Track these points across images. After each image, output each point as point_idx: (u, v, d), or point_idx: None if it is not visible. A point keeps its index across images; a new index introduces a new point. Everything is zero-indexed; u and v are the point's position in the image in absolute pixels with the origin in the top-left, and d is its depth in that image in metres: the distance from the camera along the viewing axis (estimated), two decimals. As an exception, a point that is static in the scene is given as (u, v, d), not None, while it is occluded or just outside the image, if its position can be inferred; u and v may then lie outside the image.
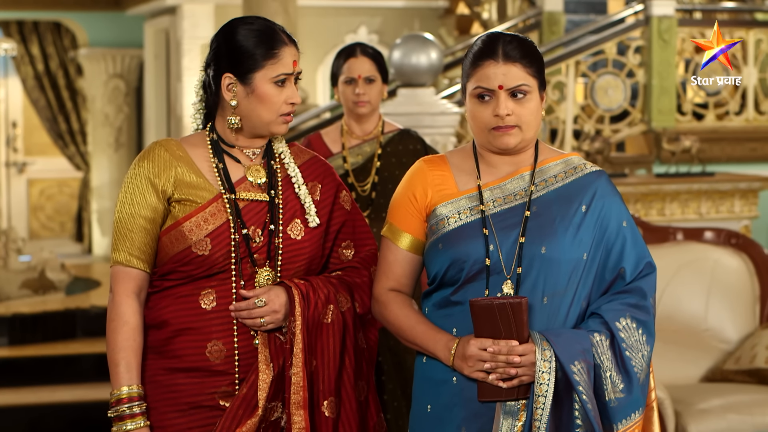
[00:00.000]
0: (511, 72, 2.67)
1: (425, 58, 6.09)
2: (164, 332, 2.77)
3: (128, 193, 2.77)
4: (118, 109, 12.38)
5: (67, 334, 7.98)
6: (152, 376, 2.77)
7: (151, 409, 2.76)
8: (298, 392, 2.71)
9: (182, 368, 2.74)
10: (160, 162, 2.77)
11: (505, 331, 2.59)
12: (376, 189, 4.27)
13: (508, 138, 2.69)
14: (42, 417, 6.80)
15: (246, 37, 2.77)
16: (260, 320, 2.71)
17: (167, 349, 2.76)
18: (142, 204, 2.76)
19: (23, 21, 12.91)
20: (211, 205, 2.75)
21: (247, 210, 2.78)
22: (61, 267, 9.37)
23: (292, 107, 2.79)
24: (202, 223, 2.74)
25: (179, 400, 2.74)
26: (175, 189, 2.76)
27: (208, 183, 2.77)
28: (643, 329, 2.69)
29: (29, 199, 13.93)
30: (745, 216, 7.57)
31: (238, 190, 2.78)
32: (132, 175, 2.78)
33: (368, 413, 2.86)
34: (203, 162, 2.80)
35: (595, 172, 2.77)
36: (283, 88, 2.77)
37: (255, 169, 2.82)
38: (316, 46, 10.45)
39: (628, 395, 2.66)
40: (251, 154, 2.83)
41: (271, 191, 2.81)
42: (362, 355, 2.85)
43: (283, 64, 2.76)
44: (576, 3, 10.58)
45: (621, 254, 2.71)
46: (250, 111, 2.77)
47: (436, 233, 2.73)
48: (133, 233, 2.75)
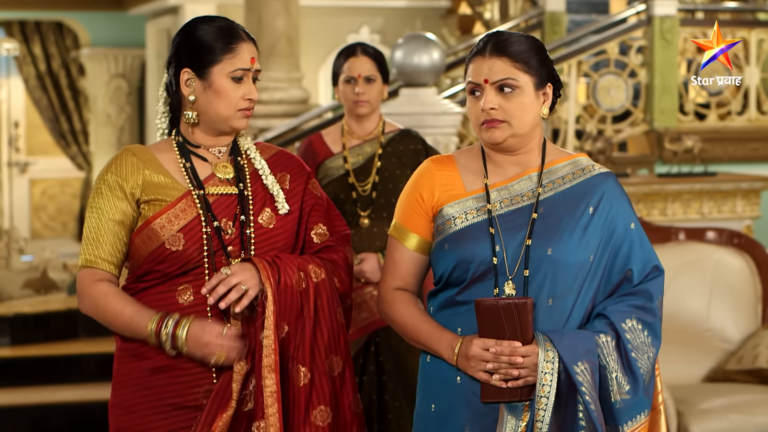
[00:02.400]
0: (495, 66, 2.68)
1: (427, 58, 6.08)
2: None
3: (97, 199, 2.79)
4: (120, 108, 12.38)
5: (69, 334, 7.98)
6: (134, 378, 2.78)
7: (134, 412, 2.76)
8: (269, 355, 2.69)
9: (162, 366, 2.74)
10: (128, 166, 2.79)
11: (510, 331, 2.59)
12: (377, 189, 4.26)
13: (494, 132, 2.69)
14: (44, 417, 6.80)
15: (205, 32, 2.80)
16: (242, 287, 2.68)
17: (146, 349, 2.76)
18: (111, 209, 2.77)
19: (25, 21, 12.91)
20: (181, 202, 2.77)
21: (217, 204, 2.80)
22: (63, 267, 9.38)
23: (250, 103, 2.80)
24: (173, 219, 2.76)
25: (162, 402, 2.75)
26: (143, 191, 2.78)
27: (176, 182, 2.79)
28: (649, 331, 2.69)
29: (31, 199, 13.94)
30: (747, 216, 7.56)
31: (207, 186, 2.80)
32: (100, 181, 2.80)
33: (343, 390, 2.84)
34: (171, 164, 2.82)
35: (603, 173, 2.77)
36: (241, 84, 2.79)
37: (222, 165, 2.84)
38: (318, 46, 10.45)
39: (633, 396, 2.66)
40: (217, 152, 2.85)
41: (240, 184, 2.83)
42: (340, 331, 2.83)
43: (241, 59, 2.78)
44: (578, 3, 10.57)
45: (628, 256, 2.71)
46: (207, 105, 2.79)
47: (443, 233, 2.73)
48: (103, 238, 2.77)
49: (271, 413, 2.69)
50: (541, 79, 2.72)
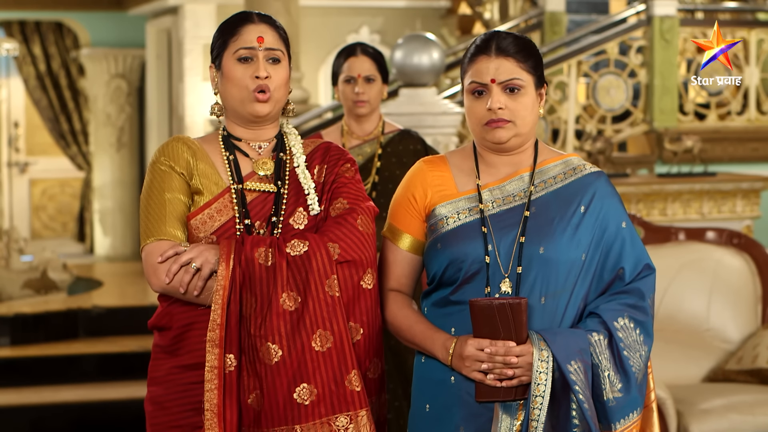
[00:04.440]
0: (503, 66, 2.68)
1: (427, 58, 6.09)
2: (172, 331, 2.76)
3: (156, 180, 2.77)
4: (120, 109, 12.38)
5: (69, 334, 7.99)
6: (165, 375, 2.76)
7: (166, 408, 2.74)
8: (214, 330, 2.65)
9: (194, 364, 2.72)
10: (177, 151, 2.79)
11: (504, 331, 2.59)
12: (377, 189, 4.27)
13: (501, 132, 2.69)
14: (44, 417, 6.81)
15: (222, 25, 2.81)
16: (192, 265, 2.65)
17: (178, 347, 2.75)
18: (172, 186, 2.76)
19: (25, 21, 12.91)
20: (217, 201, 2.75)
21: (254, 203, 2.77)
22: (63, 267, 9.38)
23: (260, 82, 2.74)
24: (207, 220, 2.75)
25: (193, 399, 2.72)
26: (191, 178, 2.77)
27: (218, 176, 2.78)
28: (641, 329, 2.69)
29: (31, 199, 13.94)
30: (747, 216, 7.56)
31: (247, 183, 2.78)
32: (152, 168, 2.79)
33: (341, 366, 2.68)
34: (216, 156, 2.81)
35: (594, 172, 2.78)
36: (248, 65, 2.75)
37: (263, 161, 2.81)
38: (318, 46, 10.45)
39: (626, 395, 2.66)
40: (257, 147, 2.83)
41: (278, 182, 2.80)
42: (335, 305, 2.68)
43: (244, 39, 2.75)
44: (578, 3, 10.57)
45: (620, 255, 2.72)
46: (225, 94, 2.79)
47: (435, 233, 2.73)
48: (168, 212, 2.74)
49: (209, 388, 2.65)
50: (539, 79, 2.73)
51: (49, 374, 7.32)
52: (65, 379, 7.27)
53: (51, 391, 7.07)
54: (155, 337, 2.82)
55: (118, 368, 7.33)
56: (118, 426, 6.70)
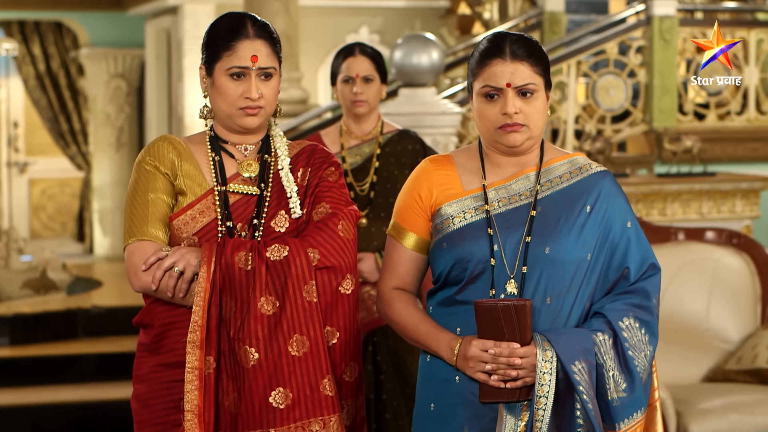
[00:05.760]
0: (518, 70, 2.68)
1: (426, 58, 6.08)
2: (154, 329, 2.79)
3: (141, 180, 2.79)
4: (119, 109, 12.38)
5: (68, 334, 7.98)
6: (148, 373, 2.79)
7: (150, 406, 2.77)
8: (195, 331, 2.66)
9: (175, 362, 2.74)
10: (162, 151, 2.80)
11: (509, 332, 2.59)
12: (375, 189, 4.27)
13: (515, 136, 2.70)
14: (43, 417, 6.80)
15: (216, 29, 2.81)
16: (175, 269, 2.67)
17: (159, 345, 2.77)
18: (156, 186, 2.78)
19: (24, 21, 12.91)
20: (200, 203, 2.77)
21: (237, 206, 2.78)
22: (62, 267, 9.38)
23: (250, 102, 2.76)
24: (190, 222, 2.77)
25: (174, 397, 2.74)
26: (176, 178, 2.79)
27: (203, 177, 2.80)
28: (646, 329, 2.69)
29: (30, 199, 13.94)
30: (747, 216, 7.56)
31: (230, 184, 2.79)
32: (137, 168, 2.81)
33: (315, 371, 2.69)
34: (201, 156, 2.83)
35: (600, 172, 2.78)
36: (240, 82, 2.77)
37: (247, 163, 2.83)
38: (318, 46, 10.44)
39: (630, 394, 2.67)
40: (243, 149, 2.84)
41: (261, 184, 2.81)
42: (312, 310, 2.69)
43: (238, 57, 2.76)
44: (577, 3, 10.57)
45: (625, 254, 2.72)
46: (213, 102, 2.81)
47: (441, 232, 2.74)
48: (150, 212, 2.76)
49: (189, 389, 2.66)
50: (547, 81, 2.75)
51: (49, 374, 7.32)
52: (64, 379, 7.27)
53: (50, 391, 7.07)
54: (140, 335, 2.85)
55: (117, 368, 7.32)
56: (118, 426, 6.69)
